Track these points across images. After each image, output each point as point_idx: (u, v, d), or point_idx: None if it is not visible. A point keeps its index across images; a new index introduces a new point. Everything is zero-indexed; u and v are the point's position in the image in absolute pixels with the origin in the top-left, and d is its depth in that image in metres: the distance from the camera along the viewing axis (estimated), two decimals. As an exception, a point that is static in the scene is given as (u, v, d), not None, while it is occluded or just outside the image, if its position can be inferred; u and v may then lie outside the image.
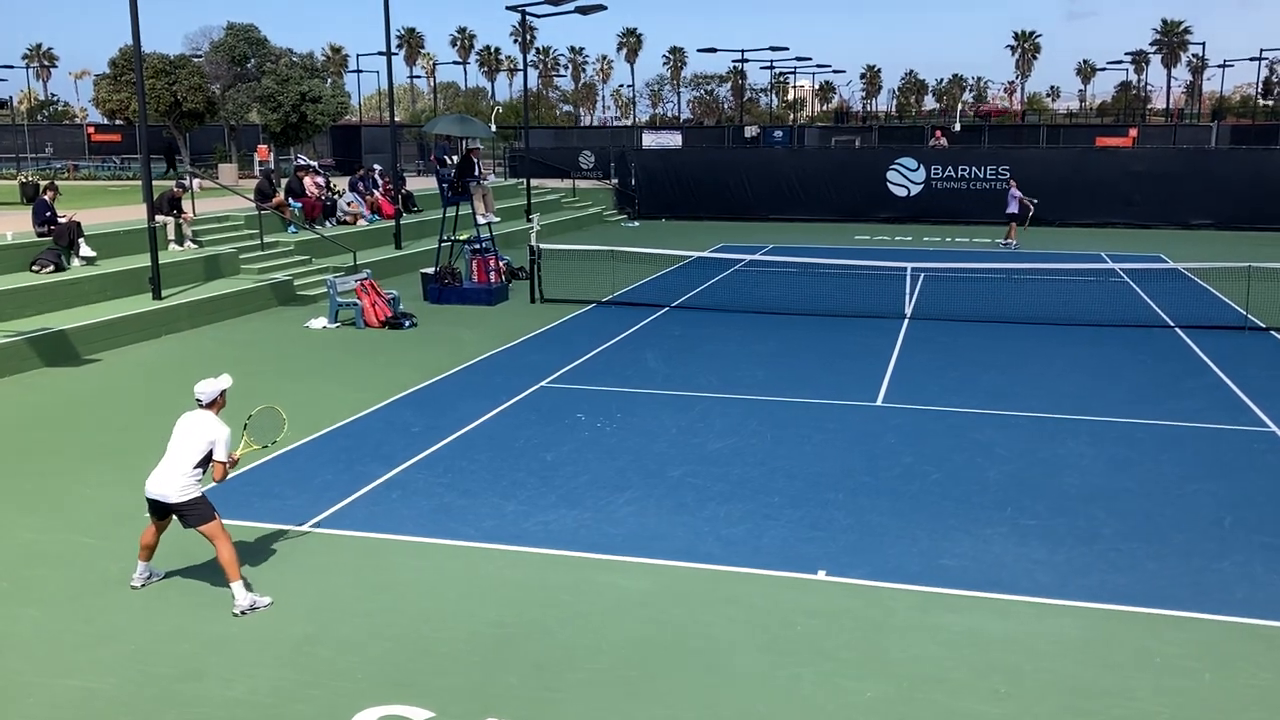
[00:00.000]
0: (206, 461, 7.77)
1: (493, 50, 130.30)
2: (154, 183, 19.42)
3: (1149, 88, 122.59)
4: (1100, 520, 9.30)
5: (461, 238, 21.96)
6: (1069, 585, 8.01)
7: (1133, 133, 53.09)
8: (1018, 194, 30.18)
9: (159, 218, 19.39)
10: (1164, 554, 8.58)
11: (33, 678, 6.70)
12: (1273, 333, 17.65)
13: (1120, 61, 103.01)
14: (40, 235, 18.90)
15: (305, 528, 9.18)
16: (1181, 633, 7.28)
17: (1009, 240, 30.08)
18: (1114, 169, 36.90)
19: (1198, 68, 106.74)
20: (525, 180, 35.24)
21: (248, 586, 7.68)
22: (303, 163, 28.11)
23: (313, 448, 11.44)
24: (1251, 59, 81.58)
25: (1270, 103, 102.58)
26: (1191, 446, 11.56)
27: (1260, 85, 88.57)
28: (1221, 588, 7.95)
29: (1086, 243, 31.59)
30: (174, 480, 7.68)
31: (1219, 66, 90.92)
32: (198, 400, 7.94)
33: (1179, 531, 9.05)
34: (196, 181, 29.13)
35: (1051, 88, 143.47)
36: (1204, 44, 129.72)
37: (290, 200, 25.24)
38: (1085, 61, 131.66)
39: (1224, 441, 11.75)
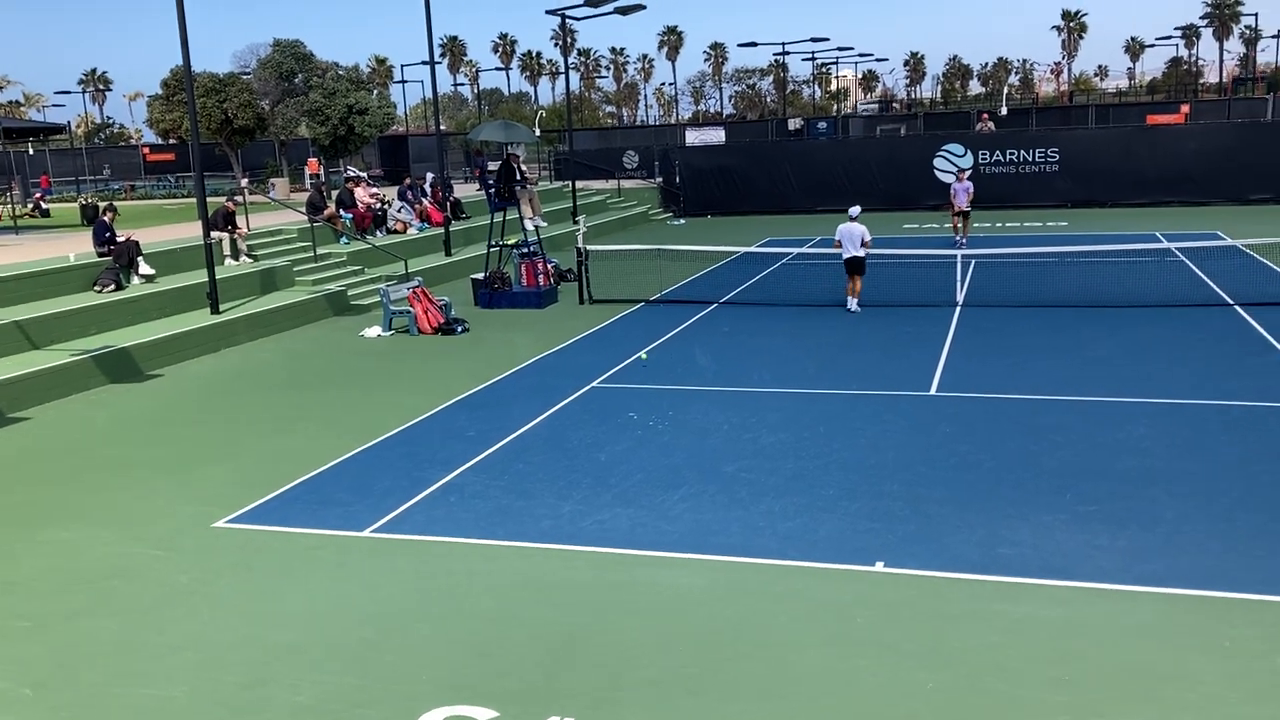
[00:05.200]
0: None
1: (534, 55, 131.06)
2: (208, 199, 19.80)
3: (1201, 62, 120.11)
4: (1162, 504, 9.18)
5: (510, 242, 22.14)
6: (1131, 570, 7.91)
7: (1184, 109, 52.07)
8: (969, 186, 27.05)
9: (214, 234, 19.78)
10: (1228, 537, 8.44)
11: (112, 688, 6.90)
12: (1337, 307, 17.25)
13: (1169, 37, 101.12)
14: (100, 255, 19.36)
15: (367, 533, 9.34)
16: (1249, 616, 7.17)
17: (963, 238, 26.43)
18: (1166, 146, 36.23)
19: (1251, 39, 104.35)
20: (570, 182, 35.42)
21: None
22: (352, 174, 28.48)
23: (372, 454, 11.63)
24: (1307, 28, 79.68)
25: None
26: (1254, 427, 11.35)
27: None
28: (1289, 569, 7.81)
29: (1140, 223, 31.04)
30: None
31: (1273, 37, 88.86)
32: None
33: (1243, 514, 8.90)
34: (249, 196, 29.66)
35: (1099, 67, 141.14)
36: (1256, 15, 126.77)
37: (341, 212, 25.60)
38: (1133, 39, 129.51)
39: (1288, 420, 11.51)
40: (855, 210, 19.41)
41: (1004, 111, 59.38)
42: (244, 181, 37.77)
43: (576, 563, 8.54)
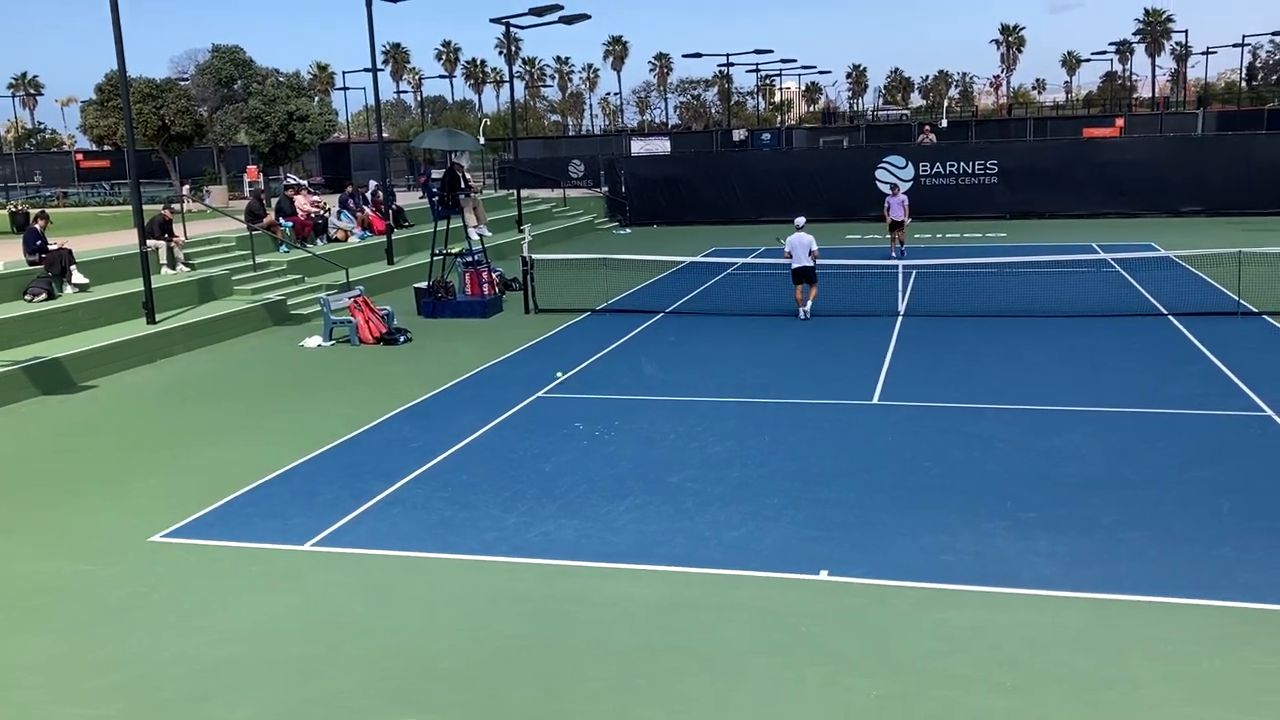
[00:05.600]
0: None
1: (478, 63, 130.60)
2: (145, 207, 19.41)
3: (1134, 77, 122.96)
4: (1100, 510, 9.33)
5: (454, 251, 21.99)
6: (1071, 576, 8.03)
7: (1119, 123, 53.27)
8: (904, 199, 27.38)
9: (150, 242, 19.40)
10: (1165, 542, 8.60)
11: (44, 707, 6.70)
12: (1265, 317, 17.70)
13: (1104, 52, 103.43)
14: (31, 264, 18.89)
15: (308, 546, 9.19)
16: (1185, 619, 7.30)
17: (897, 250, 26.64)
18: (1102, 159, 37.00)
19: (1181, 55, 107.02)
20: (515, 191, 35.30)
21: None
22: (292, 182, 28.13)
23: (312, 466, 11.45)
24: (1234, 45, 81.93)
25: (1256, 84, 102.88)
26: (1188, 433, 11.60)
27: (1244, 71, 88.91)
28: (1223, 574, 7.97)
29: (1077, 234, 31.66)
30: None
31: (1202, 54, 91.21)
32: None
33: (1179, 519, 9.08)
34: (187, 205, 29.17)
35: (1037, 81, 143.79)
36: (1186, 32, 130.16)
37: (281, 220, 25.26)
38: (1070, 53, 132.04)
39: (1220, 427, 11.78)
40: (801, 220, 19.63)
41: (944, 123, 60.24)
42: (186, 189, 37.11)
43: (521, 574, 8.47)
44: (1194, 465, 10.47)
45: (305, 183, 32.10)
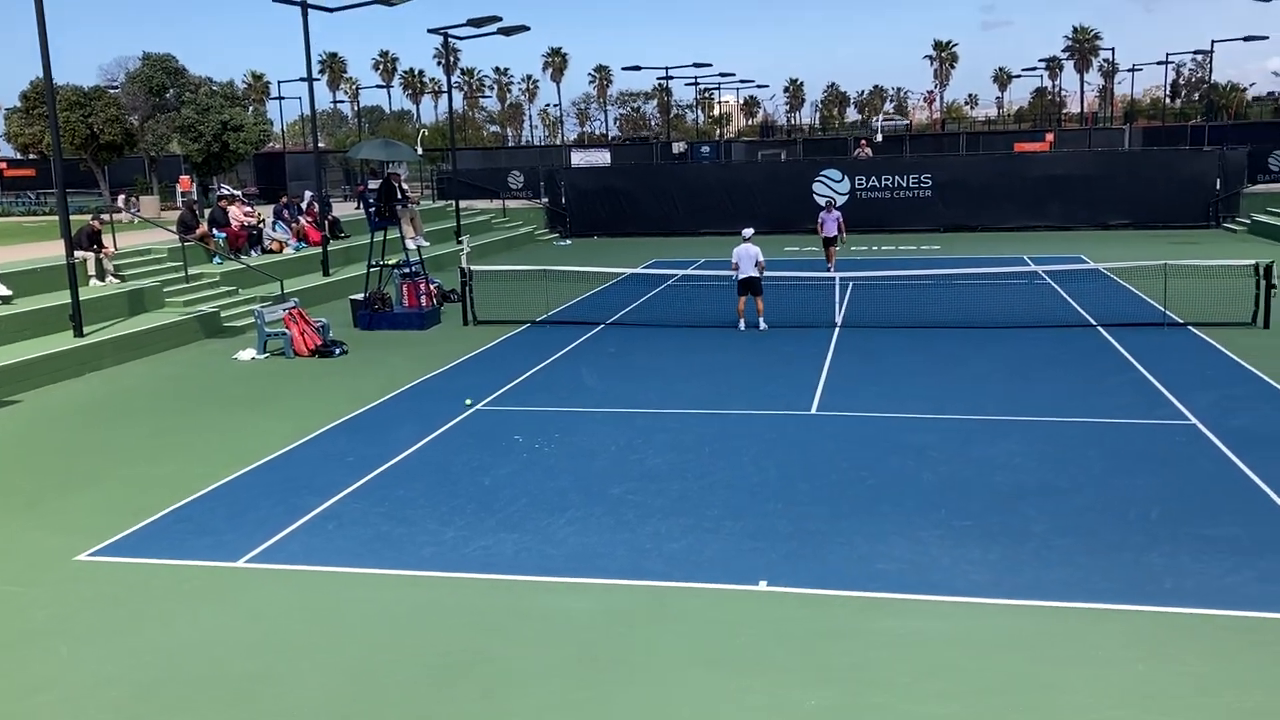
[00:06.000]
0: None
1: (416, 73, 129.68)
2: (72, 217, 18.98)
3: (1063, 93, 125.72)
4: (1032, 518, 9.49)
5: (390, 262, 21.79)
6: (1004, 584, 8.15)
7: (1049, 137, 54.42)
8: (838, 216, 27.29)
9: (78, 253, 18.97)
10: (1094, 548, 8.77)
11: (-41, 733, 6.49)
12: (1190, 328, 18.16)
13: (1035, 68, 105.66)
14: (-47, 275, 18.37)
15: (241, 563, 9.02)
16: (1114, 625, 7.45)
17: (832, 265, 26.68)
18: (1033, 174, 37.78)
19: (1109, 72, 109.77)
20: (454, 202, 35.10)
21: None
22: (226, 192, 27.69)
23: (246, 481, 11.25)
24: (1159, 63, 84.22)
25: (1178, 104, 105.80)
26: (1117, 442, 11.85)
27: (1168, 88, 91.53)
28: (1151, 579, 8.15)
29: (1009, 246, 32.26)
30: None
31: (1129, 71, 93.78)
32: None
33: (1108, 526, 9.26)
34: (123, 215, 28.56)
35: (970, 96, 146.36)
36: (1113, 49, 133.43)
37: (214, 231, 24.85)
38: (1001, 69, 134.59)
39: (1148, 436, 12.06)
40: (748, 232, 19.74)
41: (879, 138, 61.09)
42: (121, 199, 36.34)
43: (461, 589, 8.39)
44: (1123, 473, 10.69)
45: (239, 193, 31.59)
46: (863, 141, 50.44)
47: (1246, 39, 53.52)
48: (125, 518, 10.14)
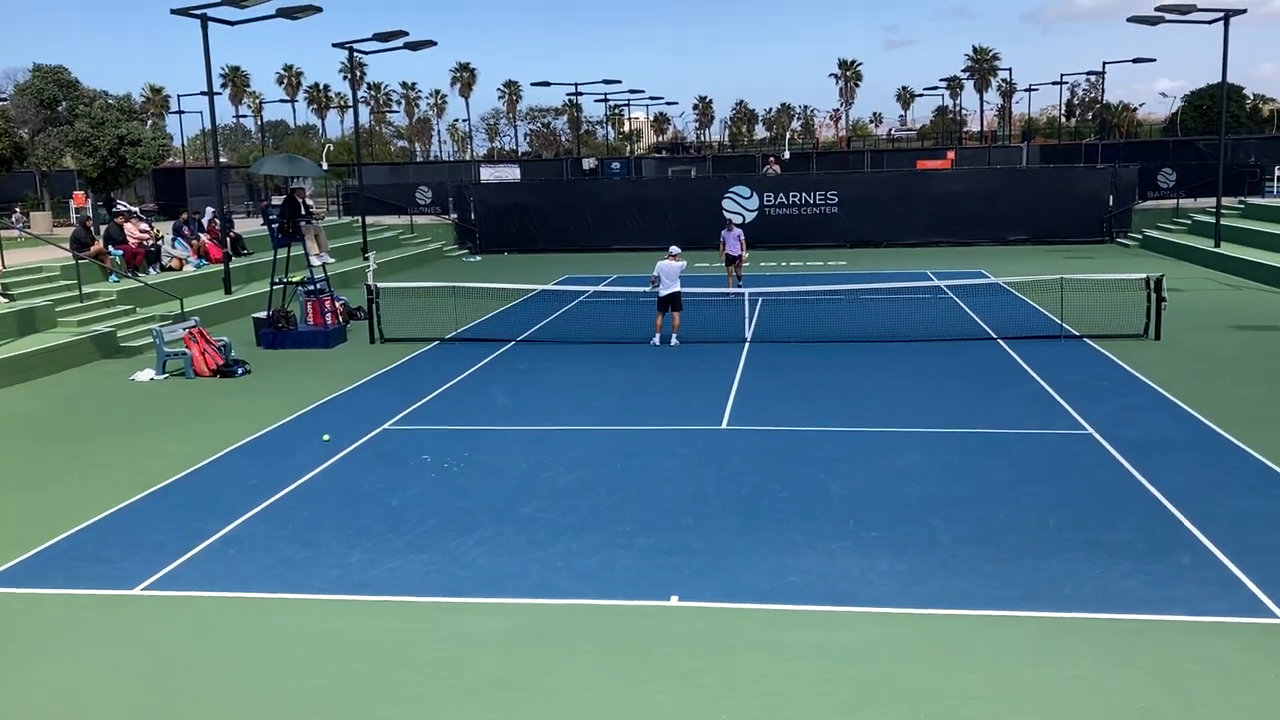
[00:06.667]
0: None
1: (322, 87, 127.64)
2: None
3: (964, 112, 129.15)
4: (938, 528, 9.66)
5: (295, 279, 21.37)
6: (910, 593, 8.28)
7: (951, 155, 55.78)
8: (739, 234, 27.25)
9: (-37, 272, 18.22)
10: (998, 557, 8.97)
11: None
12: (1086, 340, 18.73)
13: (936, 88, 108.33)
14: None
15: (138, 591, 8.72)
16: (1016, 631, 7.61)
17: (735, 283, 26.67)
18: (935, 190, 38.73)
19: (1007, 92, 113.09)
20: (360, 218, 34.62)
21: None
22: (122, 208, 26.91)
23: (143, 506, 10.89)
24: (1054, 83, 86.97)
25: (1073, 123, 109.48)
26: (1018, 451, 12.15)
27: (1063, 107, 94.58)
28: (1049, 585, 8.36)
29: (913, 262, 32.98)
30: None
31: (1026, 91, 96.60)
32: None
33: (1010, 534, 9.48)
34: (5, 232, 27.53)
35: (874, 114, 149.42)
36: (1011, 70, 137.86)
37: (110, 248, 24.11)
38: (904, 88, 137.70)
39: (1047, 445, 12.39)
40: (675, 249, 19.80)
41: (787, 155, 61.95)
42: (15, 216, 35.05)
43: (368, 613, 8.23)
44: (1024, 482, 10.96)
45: (137, 209, 30.73)
46: (771, 159, 51.12)
47: (1136, 61, 55.92)
48: (11, 547, 9.72)
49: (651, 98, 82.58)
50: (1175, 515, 9.81)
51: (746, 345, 19.24)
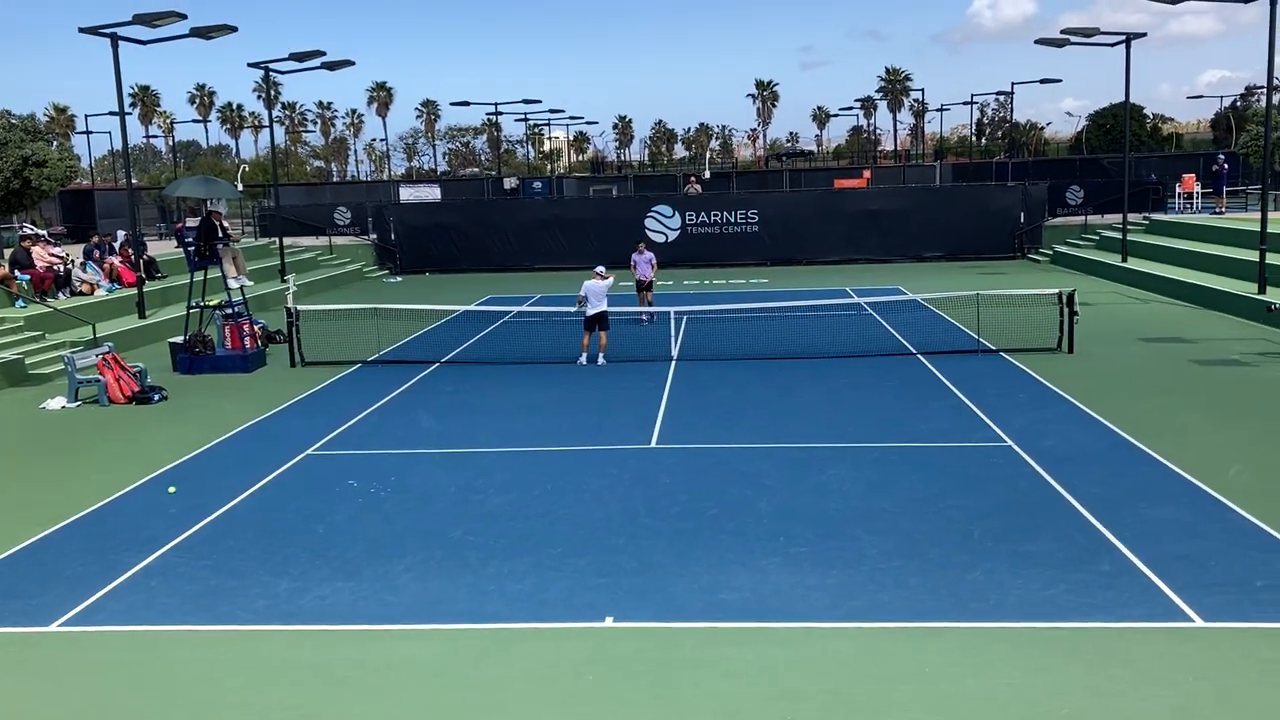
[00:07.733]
0: None
1: (235, 107, 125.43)
2: None
3: (878, 131, 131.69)
4: (865, 542, 9.82)
5: (212, 303, 20.94)
6: (840, 607, 8.40)
7: (867, 174, 56.78)
8: (651, 257, 25.60)
9: None
10: (924, 569, 9.14)
11: None
12: (1002, 354, 19.20)
13: (851, 108, 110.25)
14: None
15: (54, 628, 8.45)
16: (943, 642, 7.77)
17: (647, 314, 24.42)
18: (852, 209, 39.40)
19: (919, 112, 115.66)
20: (278, 239, 34.08)
21: None
22: (29, 232, 26.13)
23: (59, 538, 10.56)
24: (965, 103, 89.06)
25: (984, 142, 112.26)
26: (940, 464, 12.40)
27: (974, 127, 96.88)
28: (975, 596, 8.55)
29: (832, 279, 33.48)
30: None
31: (937, 110, 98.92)
32: None
33: (935, 546, 9.67)
34: None
35: (791, 134, 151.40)
36: (923, 90, 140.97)
37: (16, 273, 23.39)
38: (820, 108, 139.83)
39: (967, 457, 12.66)
40: (602, 269, 19.91)
41: (707, 174, 62.52)
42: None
43: (298, 642, 8.09)
44: (946, 495, 11.19)
45: (44, 232, 29.87)
46: (692, 178, 51.50)
47: (1043, 81, 57.13)
48: (-80, 585, 9.36)
49: (571, 117, 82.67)
50: (1093, 524, 10.11)
51: (673, 364, 19.34)
